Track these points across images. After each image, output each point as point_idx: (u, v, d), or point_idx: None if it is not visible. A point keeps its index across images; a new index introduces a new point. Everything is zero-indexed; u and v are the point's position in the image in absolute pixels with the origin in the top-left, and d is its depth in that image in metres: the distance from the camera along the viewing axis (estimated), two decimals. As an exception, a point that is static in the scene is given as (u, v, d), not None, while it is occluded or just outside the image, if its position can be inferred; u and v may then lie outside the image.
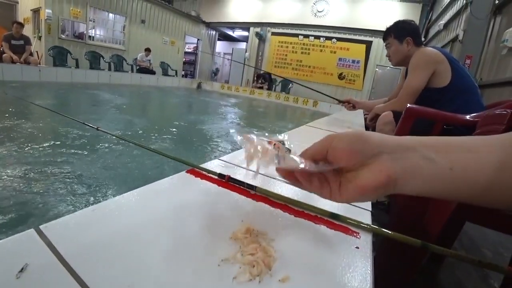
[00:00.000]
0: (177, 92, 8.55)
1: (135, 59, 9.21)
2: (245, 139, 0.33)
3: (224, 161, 0.60)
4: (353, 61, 10.20)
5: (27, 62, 5.94)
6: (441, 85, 1.49)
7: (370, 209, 0.51)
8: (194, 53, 13.78)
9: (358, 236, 0.39)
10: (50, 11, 7.58)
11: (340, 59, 10.38)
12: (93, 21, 8.81)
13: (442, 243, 1.23)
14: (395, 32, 1.70)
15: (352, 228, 0.40)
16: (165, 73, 10.37)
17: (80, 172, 1.68)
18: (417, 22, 8.97)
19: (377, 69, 9.88)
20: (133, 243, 0.31)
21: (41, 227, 0.32)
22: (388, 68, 9.38)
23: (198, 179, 0.48)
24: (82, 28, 8.54)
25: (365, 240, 0.38)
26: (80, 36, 8.53)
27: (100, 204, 0.37)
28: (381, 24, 9.49)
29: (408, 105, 1.33)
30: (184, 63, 13.06)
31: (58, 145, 2.08)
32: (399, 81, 1.96)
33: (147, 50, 9.09)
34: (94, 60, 8.17)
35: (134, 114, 4.19)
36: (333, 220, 0.41)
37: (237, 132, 0.34)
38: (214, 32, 13.90)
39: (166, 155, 0.59)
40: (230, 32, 14.36)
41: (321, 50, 10.71)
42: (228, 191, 0.45)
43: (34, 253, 0.28)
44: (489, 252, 1.46)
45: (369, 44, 9.83)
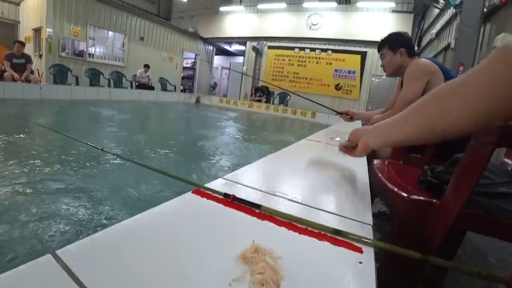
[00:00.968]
0: (176, 107, 8.62)
1: (134, 75, 9.34)
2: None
3: (228, 179, 0.62)
4: (349, 72, 10.36)
5: (28, 80, 6.03)
6: None
7: (371, 223, 0.52)
8: (192, 68, 13.97)
9: (361, 251, 0.40)
10: (51, 30, 7.74)
11: (336, 70, 10.55)
12: (93, 39, 8.97)
13: (445, 252, 1.24)
14: (389, 43, 1.77)
15: (354, 243, 0.41)
16: (164, 89, 10.49)
17: (88, 194, 1.68)
18: (409, 31, 9.18)
19: (373, 79, 10.02)
20: (146, 265, 0.33)
21: (57, 252, 0.34)
22: (384, 77, 9.51)
23: (204, 199, 0.50)
24: (82, 46, 8.68)
25: (368, 255, 0.40)
26: (80, 54, 8.67)
27: (112, 227, 0.39)
28: (375, 35, 9.72)
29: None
30: (183, 78, 13.23)
31: (62, 166, 2.09)
32: (395, 91, 2.00)
33: (146, 66, 9.22)
34: (94, 77, 8.28)
35: (134, 130, 4.23)
36: (336, 236, 0.43)
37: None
38: (211, 47, 14.14)
39: (172, 176, 0.61)
40: (227, 47, 14.61)
41: (317, 62, 10.89)
42: (234, 211, 0.47)
43: (52, 278, 0.30)
44: (493, 259, 1.46)
45: (364, 55, 10.02)
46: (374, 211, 1.65)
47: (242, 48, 13.14)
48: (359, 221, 0.51)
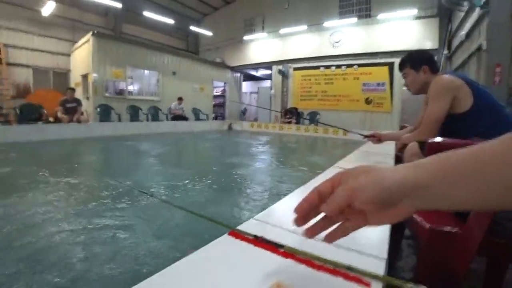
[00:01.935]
0: (210, 136, 9.00)
1: (169, 108, 10.01)
2: None
3: (259, 220, 0.72)
4: (378, 84, 10.16)
5: (79, 121, 6.82)
6: (464, 109, 1.49)
7: (385, 257, 0.58)
8: (223, 95, 14.59)
9: (369, 285, 0.47)
10: (96, 75, 8.70)
11: (364, 84, 10.40)
12: (131, 78, 9.87)
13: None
14: (410, 62, 1.77)
15: (364, 278, 0.48)
16: (197, 118, 11.07)
17: (133, 239, 1.74)
18: (436, 36, 8.89)
19: (404, 89, 9.71)
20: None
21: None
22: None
23: (238, 240, 0.60)
24: (122, 85, 9.58)
25: (377, 289, 0.46)
26: (121, 92, 9.55)
27: (152, 278, 0.47)
28: (401, 44, 9.53)
29: (429, 140, 1.36)
30: (214, 106, 13.85)
31: (107, 207, 2.25)
32: (422, 109, 1.99)
33: (180, 99, 9.88)
34: (134, 112, 9.06)
35: (172, 163, 4.51)
36: (348, 272, 0.50)
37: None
38: (239, 74, 14.76)
39: (210, 219, 0.72)
40: (254, 72, 15.15)
41: (344, 78, 10.85)
42: (262, 250, 0.56)
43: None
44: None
45: (391, 65, 9.76)
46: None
47: (268, 72, 13.57)
48: (374, 255, 0.57)
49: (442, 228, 0.84)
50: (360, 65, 10.47)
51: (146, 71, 10.37)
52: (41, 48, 10.25)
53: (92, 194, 2.57)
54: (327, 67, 11.16)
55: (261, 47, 12.97)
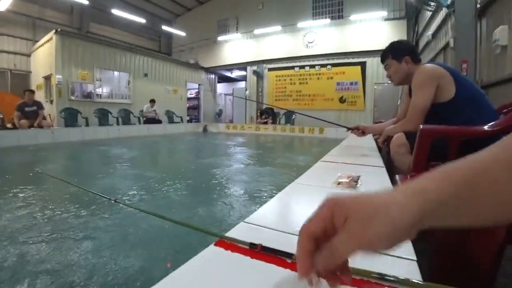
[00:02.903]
0: (185, 138, 8.69)
1: (141, 111, 9.59)
2: None
3: (251, 223, 0.57)
4: (351, 83, 10.42)
5: (40, 126, 6.26)
6: (447, 98, 1.48)
7: (415, 258, 0.47)
8: (197, 97, 14.28)
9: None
10: (61, 76, 8.12)
11: (338, 83, 10.63)
12: (100, 80, 9.34)
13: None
14: (392, 52, 1.74)
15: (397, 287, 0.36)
16: (171, 121, 10.71)
17: (105, 251, 1.50)
18: (405, 36, 9.32)
19: (376, 87, 10.02)
20: None
21: None
22: (386, 84, 9.52)
23: (229, 251, 0.45)
24: (90, 88, 9.03)
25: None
26: (89, 96, 9.00)
27: None
28: (372, 44, 9.88)
29: (420, 126, 1.31)
30: (188, 108, 13.51)
31: (73, 215, 2.05)
32: (405, 100, 1.96)
33: (152, 101, 9.48)
34: (103, 116, 8.54)
35: (145, 167, 4.22)
36: (380, 282, 0.38)
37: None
38: (213, 76, 14.53)
39: (192, 227, 0.57)
40: (228, 74, 14.99)
41: (318, 78, 11.01)
42: (263, 263, 0.42)
43: None
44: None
45: (363, 65, 10.12)
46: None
47: (243, 73, 13.46)
48: (402, 257, 0.46)
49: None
50: (333, 65, 10.68)
51: (116, 73, 9.86)
52: (-4, 47, 9.43)
53: (52, 203, 2.28)
54: (302, 67, 11.27)
55: (235, 47, 12.84)
